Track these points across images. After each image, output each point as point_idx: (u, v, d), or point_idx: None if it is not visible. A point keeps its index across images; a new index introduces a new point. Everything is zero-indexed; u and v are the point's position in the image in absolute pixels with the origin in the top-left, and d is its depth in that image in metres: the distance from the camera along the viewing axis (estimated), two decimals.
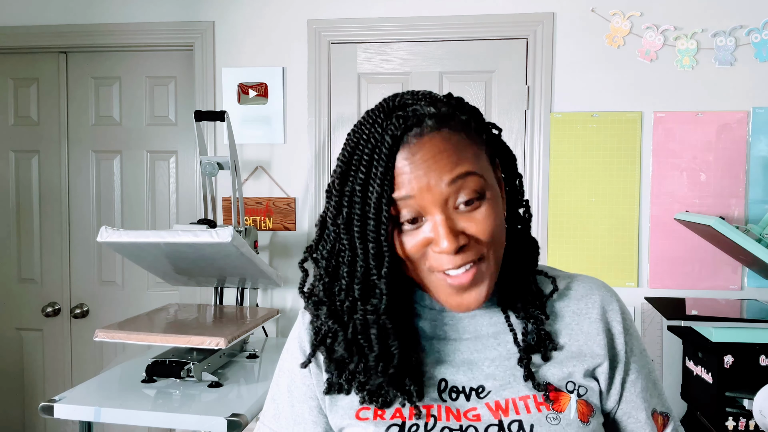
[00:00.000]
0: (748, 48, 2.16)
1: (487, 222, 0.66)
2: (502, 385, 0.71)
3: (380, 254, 0.66)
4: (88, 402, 1.55)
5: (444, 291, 0.68)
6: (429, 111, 0.66)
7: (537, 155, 2.25)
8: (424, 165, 0.64)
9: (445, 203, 0.65)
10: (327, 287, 0.70)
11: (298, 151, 2.38)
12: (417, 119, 0.66)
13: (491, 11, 2.26)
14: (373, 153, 0.65)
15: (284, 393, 0.79)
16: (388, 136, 0.65)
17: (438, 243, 0.65)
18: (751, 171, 2.17)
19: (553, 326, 0.76)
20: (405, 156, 0.65)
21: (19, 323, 2.63)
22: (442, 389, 0.72)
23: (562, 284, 0.79)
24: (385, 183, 0.64)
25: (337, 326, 0.70)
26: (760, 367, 1.67)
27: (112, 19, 2.44)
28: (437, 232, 0.65)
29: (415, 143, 0.65)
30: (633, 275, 2.23)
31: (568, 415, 0.70)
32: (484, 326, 0.76)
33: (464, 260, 0.66)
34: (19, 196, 2.61)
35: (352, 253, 0.67)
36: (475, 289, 0.67)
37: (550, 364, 0.73)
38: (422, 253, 0.67)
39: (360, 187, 0.65)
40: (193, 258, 1.81)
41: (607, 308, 0.77)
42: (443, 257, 0.65)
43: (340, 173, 0.68)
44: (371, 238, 0.65)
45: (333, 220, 0.69)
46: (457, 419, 0.70)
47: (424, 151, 0.65)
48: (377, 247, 0.66)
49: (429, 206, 0.65)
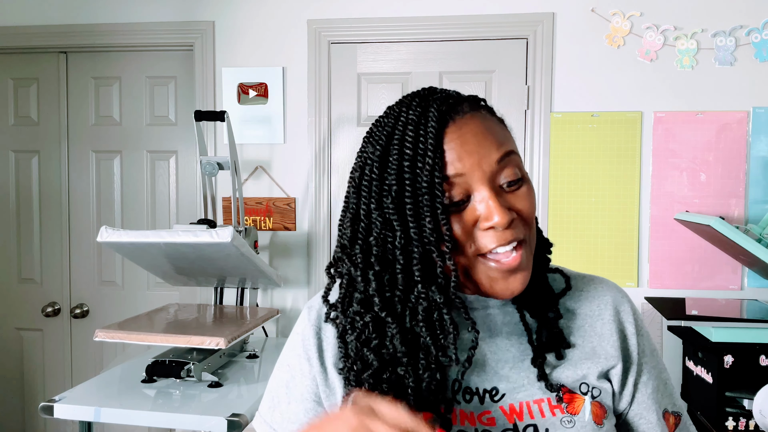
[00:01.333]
0: (748, 48, 2.16)
1: (530, 200, 0.67)
2: (516, 388, 0.70)
3: (438, 229, 0.64)
4: (88, 402, 1.55)
5: (491, 276, 0.66)
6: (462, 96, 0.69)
7: (537, 155, 2.25)
8: (474, 140, 0.65)
9: (494, 179, 0.65)
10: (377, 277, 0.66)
11: (298, 151, 2.38)
12: (455, 100, 0.67)
13: (491, 11, 2.26)
14: (418, 130, 0.64)
15: (282, 388, 0.78)
16: (432, 112, 0.65)
17: (489, 217, 0.63)
18: (751, 171, 2.17)
19: (567, 326, 0.75)
20: (452, 131, 0.65)
21: (19, 323, 2.63)
22: (456, 390, 0.70)
23: (575, 284, 0.79)
24: (437, 156, 0.63)
25: (391, 318, 0.65)
26: (760, 367, 1.67)
27: (112, 19, 2.44)
28: (488, 207, 0.64)
29: (458, 120, 0.66)
30: (633, 275, 2.23)
31: (583, 417, 0.69)
32: (498, 325, 0.74)
33: (513, 236, 0.65)
34: (19, 196, 2.61)
35: (405, 235, 0.64)
36: (520, 273, 0.66)
37: (563, 366, 0.72)
38: (470, 236, 0.65)
39: (408, 164, 0.64)
40: (193, 258, 1.81)
41: (619, 309, 0.77)
42: (493, 234, 0.64)
43: (379, 157, 0.66)
44: (427, 213, 0.63)
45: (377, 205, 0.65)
46: (472, 423, 0.68)
47: (471, 126, 0.65)
48: (434, 222, 0.63)
49: (478, 183, 0.64)
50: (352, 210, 0.69)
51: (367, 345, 0.67)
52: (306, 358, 0.76)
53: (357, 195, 0.68)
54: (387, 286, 0.66)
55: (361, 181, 0.67)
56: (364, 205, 0.67)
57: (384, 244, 0.66)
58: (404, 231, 0.64)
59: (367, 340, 0.67)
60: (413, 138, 0.64)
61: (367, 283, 0.67)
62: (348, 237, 0.68)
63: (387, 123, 0.68)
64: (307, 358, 0.76)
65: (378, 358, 0.66)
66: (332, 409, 0.74)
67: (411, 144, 0.64)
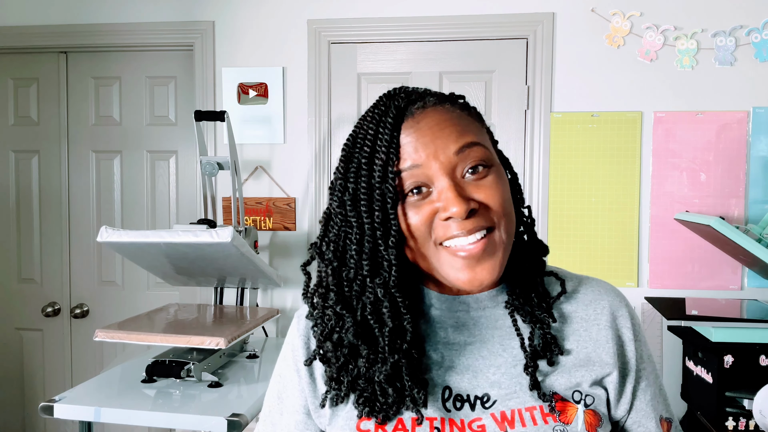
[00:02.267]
0: (748, 48, 2.16)
1: (495, 189, 0.66)
2: (508, 394, 0.69)
3: (386, 223, 0.65)
4: (88, 402, 1.55)
5: (454, 266, 0.65)
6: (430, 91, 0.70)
7: (537, 155, 2.25)
8: (430, 132, 0.65)
9: (452, 170, 0.65)
10: (335, 271, 0.68)
11: (298, 151, 2.38)
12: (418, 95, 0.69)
13: (491, 11, 2.26)
14: (378, 126, 0.66)
15: (275, 398, 0.79)
16: (392, 109, 0.67)
17: (447, 208, 0.63)
18: (751, 171, 2.17)
19: (561, 331, 0.73)
20: (409, 125, 0.66)
21: (19, 323, 2.63)
22: (446, 398, 0.69)
23: (570, 287, 0.77)
24: (391, 151, 0.64)
25: (346, 311, 0.67)
26: (760, 367, 1.67)
27: (112, 19, 2.44)
28: (446, 197, 0.63)
29: (418, 114, 0.66)
30: (633, 275, 2.23)
31: (575, 427, 0.68)
32: (490, 330, 0.73)
33: (475, 225, 0.64)
34: (19, 196, 2.61)
35: (359, 230, 0.66)
36: (487, 261, 0.65)
37: (557, 373, 0.70)
38: (428, 227, 0.65)
39: (366, 160, 0.65)
40: (193, 258, 1.81)
41: (616, 314, 0.75)
42: (454, 223, 0.64)
43: (344, 154, 0.68)
44: (377, 207, 0.64)
45: (339, 202, 0.67)
46: (461, 431, 0.67)
47: (428, 119, 0.66)
48: (383, 215, 0.64)
49: (436, 174, 0.64)
50: (326, 210, 0.72)
51: (329, 338, 0.69)
52: (295, 369, 0.76)
53: (330, 195, 0.70)
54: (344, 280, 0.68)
55: (335, 183, 0.69)
56: (333, 204, 0.69)
57: (343, 240, 0.68)
58: (359, 226, 0.66)
59: (330, 332, 0.69)
60: (372, 135, 0.66)
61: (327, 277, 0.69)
62: (320, 235, 0.71)
63: (357, 125, 0.70)
64: (296, 370, 0.76)
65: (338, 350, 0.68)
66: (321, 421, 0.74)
67: (370, 141, 0.66)
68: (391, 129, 0.65)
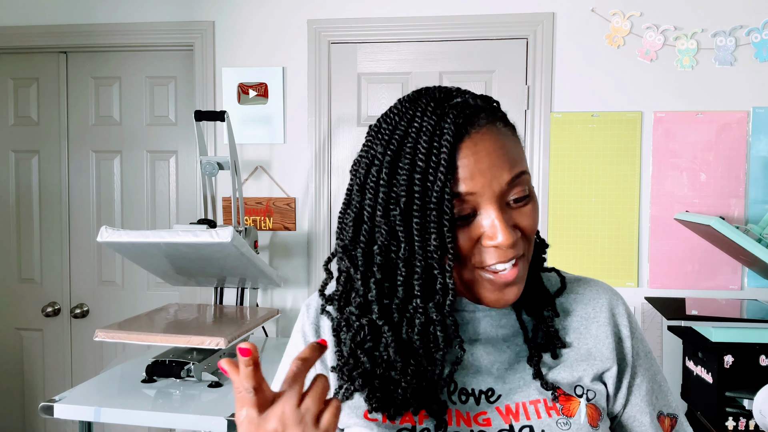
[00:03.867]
0: (748, 48, 2.16)
1: (534, 218, 0.68)
2: (512, 389, 0.71)
3: (444, 246, 0.63)
4: (88, 402, 1.55)
5: (487, 287, 0.67)
6: (479, 104, 0.66)
7: (537, 155, 2.25)
8: (488, 159, 0.63)
9: (502, 199, 0.65)
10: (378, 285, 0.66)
11: (298, 151, 2.38)
12: (473, 110, 0.65)
13: (491, 11, 2.26)
14: (432, 141, 0.62)
15: None
16: (448, 125, 0.63)
17: (495, 237, 0.64)
18: (751, 171, 2.17)
19: (562, 326, 0.76)
20: (467, 146, 0.63)
21: (19, 323, 2.63)
22: (452, 391, 0.71)
23: (570, 286, 0.80)
24: (450, 174, 0.62)
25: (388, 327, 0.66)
26: (760, 367, 1.67)
27: (112, 19, 2.44)
28: (494, 227, 0.64)
29: (474, 135, 0.64)
30: (633, 275, 2.23)
31: (578, 419, 0.69)
32: (495, 328, 0.75)
33: (514, 254, 0.66)
34: (19, 196, 2.61)
35: (409, 248, 0.64)
36: (515, 285, 0.67)
37: (559, 368, 0.72)
38: (471, 250, 0.66)
39: (420, 176, 0.62)
40: (193, 258, 1.81)
41: (614, 312, 0.77)
42: (496, 251, 0.65)
43: (389, 162, 0.64)
44: (433, 230, 0.62)
45: (383, 213, 0.64)
46: (468, 424, 0.69)
47: (486, 144, 0.64)
48: (440, 239, 0.63)
49: (486, 202, 0.64)
50: (354, 208, 0.67)
51: (361, 347, 0.67)
52: None
53: (361, 194, 0.66)
54: (386, 294, 0.66)
55: (367, 180, 0.66)
56: (368, 207, 0.65)
57: (387, 254, 0.65)
58: (409, 243, 0.64)
59: (362, 341, 0.67)
60: (426, 149, 0.62)
61: (366, 288, 0.66)
62: (350, 237, 0.67)
63: (399, 125, 0.65)
64: None
65: (370, 360, 0.67)
66: None
67: (424, 156, 0.62)
68: (450, 150, 0.62)
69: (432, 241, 0.62)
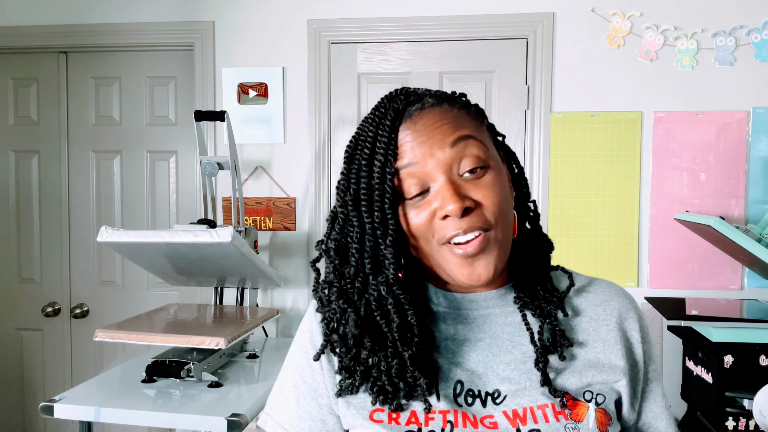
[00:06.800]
0: (748, 48, 2.16)
1: (492, 189, 0.67)
2: (518, 390, 0.69)
3: (385, 222, 0.67)
4: (88, 402, 1.55)
5: (453, 263, 0.67)
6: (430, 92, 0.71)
7: (537, 155, 2.25)
8: (426, 131, 0.67)
9: (449, 169, 0.66)
10: (338, 269, 0.70)
11: (298, 151, 2.38)
12: (418, 96, 0.70)
13: (491, 11, 2.26)
14: (377, 128, 0.68)
15: (291, 387, 0.78)
16: (390, 111, 0.68)
17: (443, 206, 0.65)
18: (751, 171, 2.17)
19: (570, 326, 0.74)
20: (407, 126, 0.67)
21: (19, 323, 2.63)
22: (458, 393, 0.70)
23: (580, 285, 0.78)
24: (389, 152, 0.66)
25: (347, 306, 0.69)
26: (760, 367, 1.67)
27: (112, 19, 2.44)
28: (442, 195, 0.65)
29: (416, 115, 0.68)
30: (633, 275, 2.23)
31: (587, 424, 0.68)
32: (500, 326, 0.74)
33: (470, 224, 0.65)
34: (19, 196, 2.61)
35: (360, 229, 0.68)
36: (484, 257, 0.66)
37: (568, 373, 0.71)
38: (429, 227, 0.67)
39: (366, 161, 0.67)
40: (193, 258, 1.81)
41: (626, 316, 0.76)
42: (449, 223, 0.65)
43: (347, 156, 0.70)
44: (377, 207, 0.66)
45: (342, 201, 0.70)
46: (474, 426, 0.68)
47: (425, 119, 0.67)
48: (382, 215, 0.66)
49: (433, 172, 0.66)
50: (333, 209, 0.73)
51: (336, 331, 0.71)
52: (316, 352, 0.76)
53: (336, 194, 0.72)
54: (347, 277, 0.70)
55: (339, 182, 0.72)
56: (337, 203, 0.71)
57: (345, 239, 0.70)
58: (360, 226, 0.68)
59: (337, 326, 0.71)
60: (372, 137, 0.68)
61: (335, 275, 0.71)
62: (326, 233, 0.73)
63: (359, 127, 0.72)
64: None
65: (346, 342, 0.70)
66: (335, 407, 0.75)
67: (369, 143, 0.68)
68: (389, 130, 0.67)
69: (375, 218, 0.66)
